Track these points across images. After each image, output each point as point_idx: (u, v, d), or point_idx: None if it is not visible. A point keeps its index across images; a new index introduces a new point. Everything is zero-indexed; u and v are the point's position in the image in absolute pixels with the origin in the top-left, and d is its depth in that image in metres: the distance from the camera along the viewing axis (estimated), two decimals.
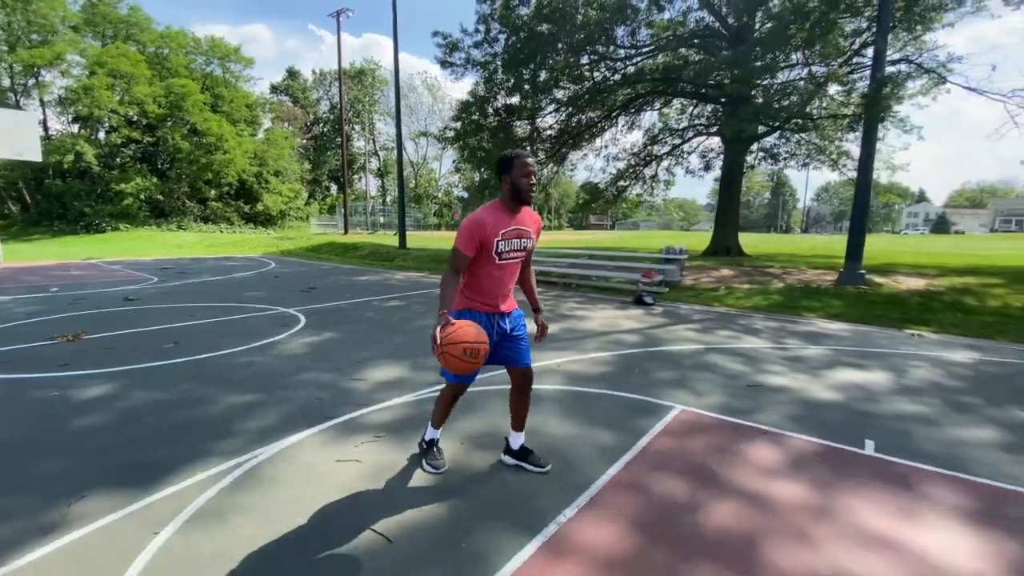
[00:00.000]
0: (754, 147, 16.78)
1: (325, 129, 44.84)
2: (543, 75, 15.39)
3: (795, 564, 1.96)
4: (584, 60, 15.70)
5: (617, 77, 15.78)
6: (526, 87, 15.57)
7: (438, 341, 2.05)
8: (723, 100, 14.85)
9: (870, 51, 11.20)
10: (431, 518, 2.23)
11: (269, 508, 2.29)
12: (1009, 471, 2.77)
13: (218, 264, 14.33)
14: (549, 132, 17.34)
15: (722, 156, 16.44)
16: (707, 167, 16.38)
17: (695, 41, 15.13)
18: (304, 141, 42.47)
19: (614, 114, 17.13)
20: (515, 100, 15.77)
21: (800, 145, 16.20)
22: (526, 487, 2.51)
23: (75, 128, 28.57)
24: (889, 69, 12.57)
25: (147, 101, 26.86)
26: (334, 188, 45.43)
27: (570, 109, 16.59)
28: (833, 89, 14.19)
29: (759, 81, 11.64)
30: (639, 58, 16.02)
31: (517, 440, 2.70)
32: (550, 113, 16.52)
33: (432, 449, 2.68)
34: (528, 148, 17.40)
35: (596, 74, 16.07)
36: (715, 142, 17.33)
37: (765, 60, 10.60)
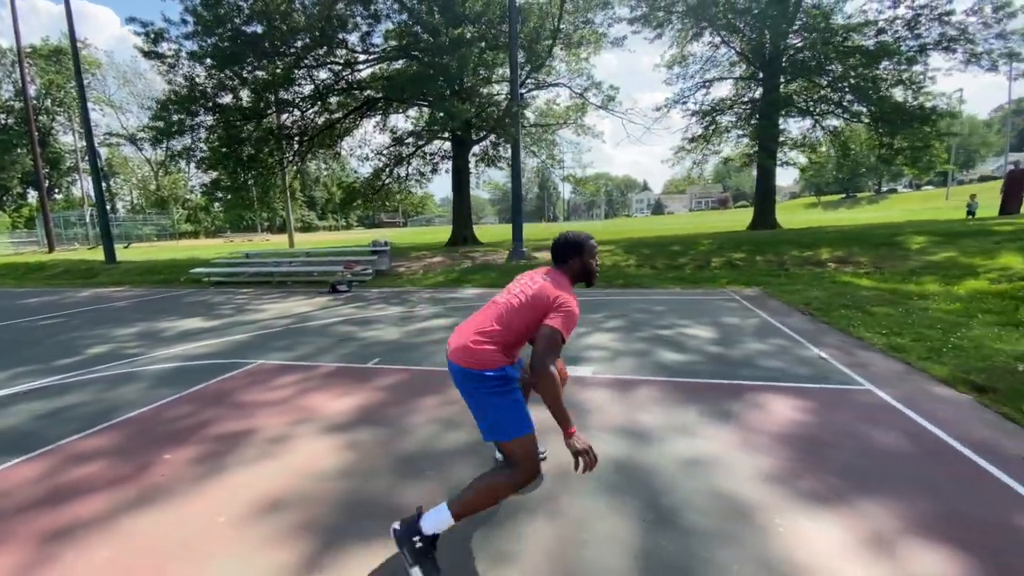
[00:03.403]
0: (475, 150, 19.49)
1: (9, 121, 35.29)
2: (263, 74, 15.20)
3: (239, 426, 3.16)
4: (314, 63, 15.98)
5: (342, 83, 16.55)
6: (246, 87, 15.23)
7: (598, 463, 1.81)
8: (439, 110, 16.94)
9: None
10: None
11: None
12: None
13: None
14: (287, 132, 17.23)
15: (450, 159, 18.65)
16: (435, 169, 18.39)
17: (415, 54, 16.69)
18: None
19: (349, 116, 17.90)
20: (229, 100, 15.26)
21: (508, 149, 19.44)
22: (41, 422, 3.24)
23: None
24: (544, 93, 16.15)
25: None
26: (33, 195, 36.24)
27: (300, 110, 16.80)
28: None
29: (446, 95, 13.82)
30: (364, 66, 17.06)
31: None
32: (273, 113, 16.40)
33: (433, 550, 1.77)
34: (265, 148, 17.02)
35: (322, 76, 16.57)
36: (449, 145, 19.50)
37: (437, 80, 12.79)
